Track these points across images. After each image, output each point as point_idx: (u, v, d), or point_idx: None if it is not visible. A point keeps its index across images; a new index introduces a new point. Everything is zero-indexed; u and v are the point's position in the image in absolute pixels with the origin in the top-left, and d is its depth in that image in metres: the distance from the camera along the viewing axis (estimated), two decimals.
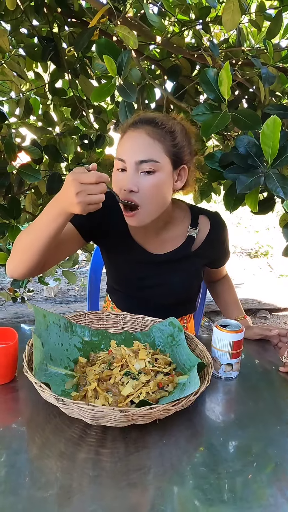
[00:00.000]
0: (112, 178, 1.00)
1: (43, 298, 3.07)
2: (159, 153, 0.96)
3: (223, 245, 1.21)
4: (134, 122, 1.00)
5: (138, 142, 0.96)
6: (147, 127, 0.97)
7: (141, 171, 0.94)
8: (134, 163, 0.94)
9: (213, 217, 1.16)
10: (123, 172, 0.96)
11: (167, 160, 0.97)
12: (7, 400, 0.85)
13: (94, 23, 1.24)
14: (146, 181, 0.95)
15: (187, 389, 0.78)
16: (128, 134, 0.98)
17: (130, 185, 0.93)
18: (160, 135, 0.96)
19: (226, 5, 1.14)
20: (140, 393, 0.80)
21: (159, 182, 0.96)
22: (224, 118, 1.09)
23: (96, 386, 0.81)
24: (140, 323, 1.08)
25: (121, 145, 0.99)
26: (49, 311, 0.97)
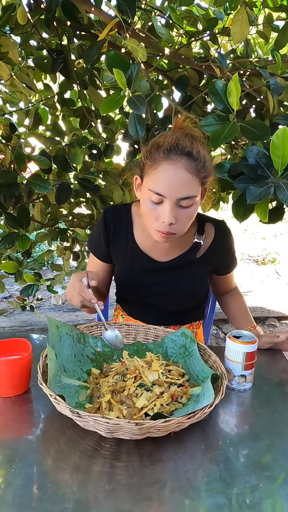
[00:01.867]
0: (143, 208, 1.03)
1: (51, 306, 3.07)
2: (196, 187, 0.98)
3: (228, 252, 1.22)
4: (168, 152, 0.96)
5: (178, 179, 0.96)
6: (185, 160, 0.96)
7: (180, 205, 0.97)
8: (175, 199, 0.96)
9: (218, 224, 1.19)
10: (160, 205, 0.98)
11: (200, 189, 1.01)
12: (22, 411, 0.85)
13: (103, 36, 1.26)
14: (184, 214, 0.99)
15: (201, 401, 0.78)
16: (165, 167, 0.96)
17: (171, 219, 0.97)
18: (196, 169, 0.97)
19: (235, 18, 1.16)
20: (154, 405, 0.80)
21: (194, 212, 1.01)
22: (233, 129, 1.10)
23: (110, 398, 0.81)
24: (152, 333, 1.09)
25: (158, 179, 0.97)
26: (62, 322, 0.97)
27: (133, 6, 1.24)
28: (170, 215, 0.96)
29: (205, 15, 1.61)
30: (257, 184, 1.03)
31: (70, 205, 2.01)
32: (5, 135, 1.70)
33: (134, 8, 1.24)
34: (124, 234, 1.18)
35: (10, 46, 1.53)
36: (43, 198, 1.85)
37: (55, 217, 1.97)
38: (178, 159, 0.96)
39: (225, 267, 1.26)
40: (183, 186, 0.96)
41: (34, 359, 0.93)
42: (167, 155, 0.96)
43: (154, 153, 0.99)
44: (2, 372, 0.88)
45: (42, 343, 1.21)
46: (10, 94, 1.96)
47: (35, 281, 1.85)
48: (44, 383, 0.78)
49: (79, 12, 1.39)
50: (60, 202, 1.70)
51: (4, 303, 3.11)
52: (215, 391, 0.80)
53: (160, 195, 0.96)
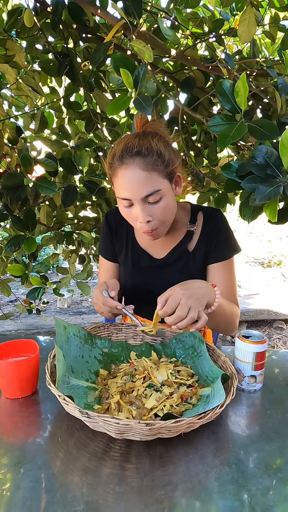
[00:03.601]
0: (122, 214, 1.07)
1: (56, 309, 3.07)
2: (157, 181, 0.99)
3: (218, 235, 1.16)
4: (121, 158, 1.00)
5: (135, 179, 0.97)
6: (137, 160, 0.98)
7: (149, 202, 0.99)
8: (140, 199, 0.98)
9: (207, 210, 1.19)
10: (132, 207, 1.01)
11: (166, 181, 1.01)
12: (30, 413, 0.85)
13: (109, 38, 1.26)
14: (157, 209, 1.01)
15: (211, 402, 0.77)
16: (122, 173, 0.99)
17: (145, 218, 1.00)
18: (151, 163, 0.98)
19: (242, 18, 1.15)
20: (164, 406, 0.79)
21: (167, 203, 1.02)
22: (241, 129, 1.09)
23: (119, 399, 0.80)
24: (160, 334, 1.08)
25: (119, 185, 1.01)
26: (69, 323, 0.97)
27: (140, 8, 1.24)
28: (143, 214, 0.99)
29: (211, 16, 1.61)
30: (266, 184, 1.03)
31: (76, 208, 2.01)
32: (11, 138, 1.70)
33: (140, 10, 1.24)
34: (125, 234, 1.24)
35: (16, 49, 1.54)
36: (49, 201, 1.85)
37: (61, 220, 1.97)
38: (131, 161, 0.98)
39: (216, 252, 1.17)
40: (143, 185, 0.98)
41: (42, 360, 0.92)
42: (121, 161, 1.00)
43: (112, 162, 1.04)
44: (10, 373, 0.87)
45: (49, 344, 1.20)
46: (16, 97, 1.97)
47: (41, 284, 1.85)
48: (53, 384, 0.77)
49: (85, 14, 1.40)
50: (66, 204, 1.70)
51: (10, 307, 3.11)
52: (226, 391, 0.79)
53: (126, 199, 1.00)
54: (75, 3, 1.35)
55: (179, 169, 1.08)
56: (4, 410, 0.86)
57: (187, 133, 1.89)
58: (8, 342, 0.94)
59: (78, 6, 1.36)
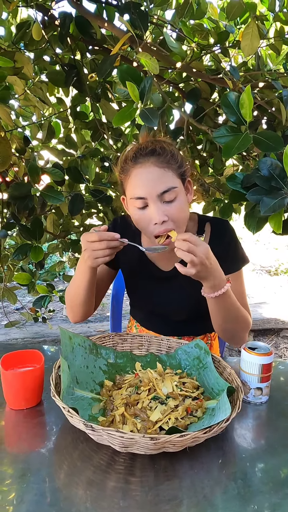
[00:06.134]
0: (134, 219, 1.05)
1: (62, 318, 3.08)
2: (172, 178, 0.99)
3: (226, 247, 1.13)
4: (135, 158, 1.00)
5: (151, 176, 0.98)
6: (152, 158, 0.99)
7: (164, 201, 0.98)
8: (156, 197, 0.97)
9: (214, 222, 1.18)
10: (146, 208, 0.99)
11: (179, 181, 1.01)
12: (34, 424, 0.85)
13: (116, 51, 1.28)
14: (172, 208, 0.98)
15: (217, 415, 0.76)
16: (136, 172, 0.99)
17: (161, 217, 0.97)
18: (166, 162, 0.99)
19: (245, 31, 1.17)
20: (169, 419, 0.79)
21: (182, 204, 1.01)
22: (246, 140, 1.10)
23: (123, 411, 0.80)
24: (165, 344, 1.08)
25: (134, 184, 1.00)
26: (74, 333, 0.97)
27: (146, 21, 1.26)
28: (158, 212, 0.97)
29: (216, 28, 1.63)
30: (271, 196, 1.03)
31: (82, 216, 2.03)
32: (19, 148, 1.72)
33: (146, 23, 1.26)
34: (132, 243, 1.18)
35: (24, 61, 1.56)
36: (55, 209, 1.86)
37: (67, 228, 1.99)
38: (146, 160, 0.99)
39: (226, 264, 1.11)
40: (159, 181, 0.97)
41: (47, 370, 0.92)
42: (134, 161, 1.01)
43: (124, 165, 1.03)
44: (15, 384, 0.88)
45: (54, 354, 1.21)
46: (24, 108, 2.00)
47: (48, 292, 1.86)
48: (57, 395, 0.77)
49: (92, 27, 1.42)
50: (73, 213, 1.71)
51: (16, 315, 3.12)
52: (231, 405, 0.78)
53: (141, 198, 0.98)
54: (83, 17, 1.37)
55: (189, 175, 1.08)
56: (9, 420, 0.86)
57: (192, 143, 1.90)
58: (13, 353, 0.95)
59: (85, 19, 1.38)
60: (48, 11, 1.44)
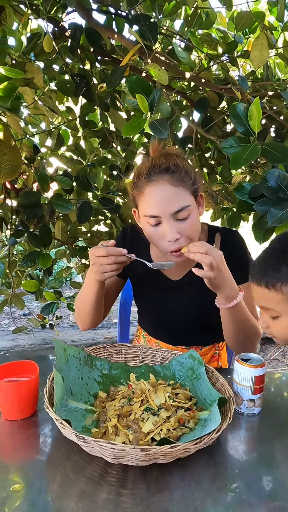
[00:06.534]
0: (147, 235, 1.05)
1: (69, 324, 3.09)
2: (186, 196, 0.99)
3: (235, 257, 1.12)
4: (148, 175, 0.99)
5: (165, 195, 0.97)
6: (166, 176, 0.98)
7: (177, 219, 0.98)
8: (170, 215, 0.97)
9: (225, 232, 1.18)
10: (159, 226, 0.99)
11: (192, 198, 1.01)
12: (28, 435, 0.85)
13: (125, 62, 1.29)
14: (186, 225, 0.99)
15: (208, 426, 0.77)
16: (150, 190, 0.99)
17: (174, 235, 0.97)
18: (179, 179, 0.98)
19: (254, 42, 1.17)
20: (161, 430, 0.79)
21: (194, 220, 1.01)
22: (254, 151, 1.10)
23: (116, 423, 0.81)
24: (160, 355, 1.08)
25: (147, 203, 1.00)
26: (69, 345, 0.98)
27: (155, 33, 1.27)
28: (172, 231, 0.97)
29: (224, 37, 1.64)
30: (279, 207, 1.04)
31: (90, 223, 2.04)
32: (28, 157, 1.74)
33: (156, 35, 1.27)
34: (141, 253, 1.18)
35: (34, 71, 1.59)
36: (63, 216, 1.88)
37: (75, 235, 2.00)
38: (159, 177, 0.98)
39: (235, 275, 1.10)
40: (173, 200, 0.97)
41: (43, 381, 0.92)
42: (148, 178, 0.99)
43: (137, 182, 1.02)
44: (10, 395, 0.88)
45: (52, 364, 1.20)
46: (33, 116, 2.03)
47: (55, 299, 1.87)
48: (51, 407, 0.78)
49: (102, 39, 1.44)
50: (81, 221, 1.73)
51: (23, 320, 3.14)
52: (223, 416, 0.78)
53: (155, 216, 0.98)
54: (93, 29, 1.39)
55: (202, 189, 1.08)
56: (3, 431, 0.86)
57: (200, 151, 1.91)
58: (9, 363, 0.94)
59: (95, 31, 1.40)
60: (59, 23, 1.46)
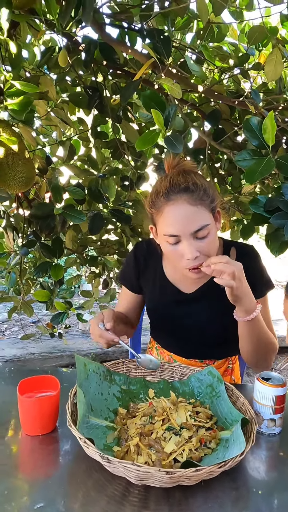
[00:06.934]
0: (165, 252, 1.06)
1: (78, 332, 3.09)
2: (205, 215, 0.99)
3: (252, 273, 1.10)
4: (167, 195, 0.99)
5: (184, 214, 0.98)
6: (185, 196, 0.98)
7: (197, 237, 0.99)
8: (189, 235, 0.98)
9: (240, 247, 1.17)
10: (178, 244, 1.00)
11: (211, 216, 1.01)
12: (49, 451, 0.85)
13: (139, 76, 1.30)
14: (204, 244, 0.99)
15: (231, 448, 0.76)
16: (169, 210, 0.99)
17: (194, 254, 0.98)
18: (198, 198, 0.99)
19: (269, 58, 1.18)
20: (183, 450, 0.78)
21: (213, 238, 1.01)
22: (269, 165, 1.10)
23: (138, 441, 0.81)
24: (178, 371, 1.08)
25: (167, 222, 1.00)
26: (89, 360, 0.98)
27: (169, 48, 1.28)
28: (191, 249, 0.98)
29: (235, 50, 1.65)
30: None
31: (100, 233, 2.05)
32: (41, 167, 1.76)
33: (169, 49, 1.29)
34: (154, 267, 1.23)
35: (48, 84, 1.61)
36: (74, 225, 1.89)
37: (85, 243, 2.01)
38: (178, 197, 0.98)
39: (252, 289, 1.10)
40: (192, 220, 0.98)
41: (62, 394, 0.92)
42: (167, 198, 1.00)
43: (156, 200, 1.03)
44: (32, 411, 0.88)
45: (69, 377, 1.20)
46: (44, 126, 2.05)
47: (66, 309, 1.88)
48: (73, 424, 0.78)
49: (116, 53, 1.45)
50: (93, 232, 1.74)
51: (33, 328, 3.15)
52: (245, 437, 0.78)
53: (174, 236, 0.99)
54: (107, 43, 1.41)
55: (219, 205, 1.08)
56: (25, 447, 0.87)
57: (211, 161, 1.91)
58: (30, 378, 0.95)
59: (109, 46, 1.42)
60: (73, 37, 1.48)
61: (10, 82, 1.14)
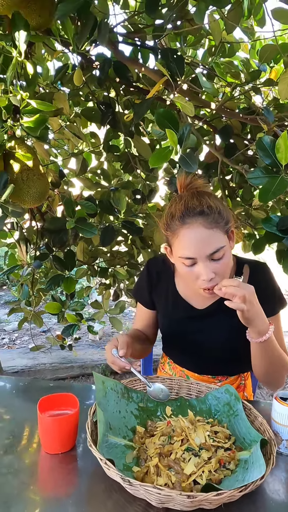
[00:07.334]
0: (180, 272, 1.08)
1: (88, 342, 3.10)
2: (220, 237, 1.00)
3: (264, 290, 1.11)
4: (182, 218, 1.00)
5: (200, 238, 0.99)
6: (200, 219, 0.99)
7: (212, 259, 1.00)
8: (205, 257, 0.99)
9: (254, 264, 1.17)
10: (194, 266, 1.01)
11: (225, 237, 1.02)
12: (69, 470, 0.86)
13: (152, 94, 1.32)
14: (220, 265, 1.00)
15: (251, 470, 0.76)
16: (184, 233, 1.00)
17: (209, 275, 0.99)
18: (214, 221, 0.99)
19: (282, 76, 1.19)
20: (203, 472, 0.78)
21: (228, 259, 1.02)
22: (282, 184, 1.11)
23: (157, 462, 0.81)
24: (195, 389, 1.08)
25: (182, 245, 1.01)
26: (107, 378, 0.99)
27: (182, 67, 1.30)
28: (207, 271, 0.99)
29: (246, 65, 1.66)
30: None
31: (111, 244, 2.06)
32: (54, 181, 1.78)
33: (182, 68, 1.30)
34: (166, 283, 1.24)
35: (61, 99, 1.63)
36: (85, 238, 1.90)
37: (96, 255, 2.03)
38: (194, 221, 0.99)
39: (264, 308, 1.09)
40: (208, 243, 0.99)
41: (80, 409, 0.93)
42: (182, 221, 1.00)
43: (171, 223, 1.03)
44: (51, 430, 0.89)
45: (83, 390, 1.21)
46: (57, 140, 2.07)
47: (77, 321, 1.89)
48: (93, 444, 0.78)
49: (129, 71, 1.47)
50: (105, 244, 1.75)
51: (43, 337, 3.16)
52: (264, 458, 0.77)
53: (191, 258, 1.00)
54: (121, 62, 1.43)
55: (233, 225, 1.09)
56: (45, 465, 0.87)
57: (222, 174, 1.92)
58: (50, 396, 0.96)
59: (123, 64, 1.44)
60: (87, 56, 1.50)
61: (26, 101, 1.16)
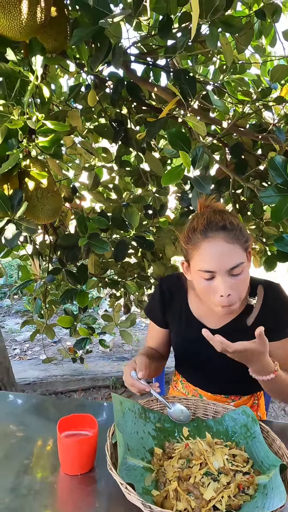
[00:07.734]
0: (197, 288, 1.08)
1: (99, 353, 3.11)
2: (240, 253, 1.01)
3: (280, 311, 1.14)
4: (205, 231, 1.02)
5: (221, 251, 1.00)
6: (222, 234, 1.01)
7: (232, 274, 1.00)
8: (225, 271, 1.00)
9: (269, 285, 1.18)
10: (212, 280, 1.02)
11: (245, 255, 1.03)
12: (88, 492, 0.86)
13: (164, 114, 1.35)
14: (238, 282, 1.01)
15: (270, 496, 0.76)
16: (206, 246, 1.01)
17: (226, 291, 1.00)
18: (235, 237, 1.01)
19: None
20: (222, 497, 0.79)
21: (246, 276, 1.03)
22: None
23: (177, 486, 0.81)
24: (212, 409, 1.08)
25: (203, 258, 1.02)
26: (125, 398, 1.00)
27: (194, 88, 1.32)
28: (226, 286, 0.99)
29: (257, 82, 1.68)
30: None
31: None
32: (66, 197, 1.81)
33: (194, 89, 1.33)
34: (179, 302, 1.24)
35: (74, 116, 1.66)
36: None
37: (106, 267, 2.05)
38: (216, 235, 1.01)
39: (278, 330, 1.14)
40: (229, 257, 1.00)
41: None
42: (204, 234, 1.02)
43: (192, 236, 1.05)
44: (71, 451, 0.90)
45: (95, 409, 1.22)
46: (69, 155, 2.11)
47: (88, 334, 1.91)
48: (113, 467, 0.79)
49: (142, 91, 1.50)
50: (118, 259, 1.77)
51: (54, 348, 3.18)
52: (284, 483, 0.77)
53: (210, 271, 1.01)
54: (133, 82, 1.46)
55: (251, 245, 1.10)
56: (64, 486, 0.88)
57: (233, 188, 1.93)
58: (69, 417, 0.96)
59: (136, 84, 1.47)
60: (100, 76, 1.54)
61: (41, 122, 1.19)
